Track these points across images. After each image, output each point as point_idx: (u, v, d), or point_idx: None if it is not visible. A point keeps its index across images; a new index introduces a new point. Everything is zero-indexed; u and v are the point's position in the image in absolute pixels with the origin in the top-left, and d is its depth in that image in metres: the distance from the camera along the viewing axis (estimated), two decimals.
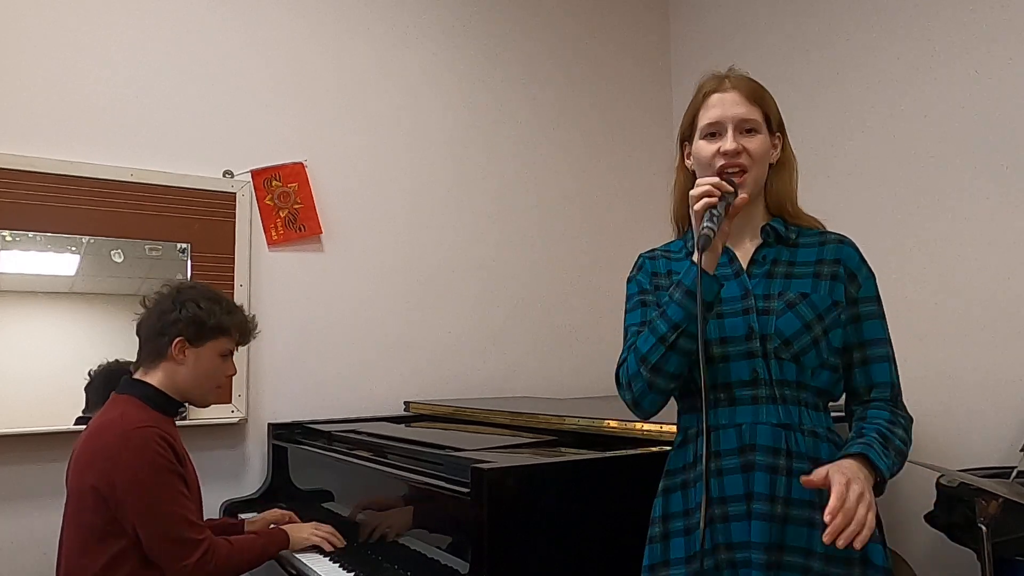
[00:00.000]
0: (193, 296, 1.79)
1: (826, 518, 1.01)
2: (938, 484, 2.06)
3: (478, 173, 3.07)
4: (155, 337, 1.77)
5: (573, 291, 3.21)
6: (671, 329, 1.19)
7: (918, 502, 2.31)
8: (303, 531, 1.92)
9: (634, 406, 1.27)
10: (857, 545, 1.01)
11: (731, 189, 1.19)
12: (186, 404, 1.87)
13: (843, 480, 1.04)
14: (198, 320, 1.77)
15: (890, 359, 1.28)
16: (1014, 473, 1.90)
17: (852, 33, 2.74)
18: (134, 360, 1.83)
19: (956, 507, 1.97)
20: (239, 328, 1.87)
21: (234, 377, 2.41)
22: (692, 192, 1.20)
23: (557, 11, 3.33)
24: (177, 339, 1.76)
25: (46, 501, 2.16)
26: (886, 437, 1.18)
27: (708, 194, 1.17)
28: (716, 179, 1.19)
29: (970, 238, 2.36)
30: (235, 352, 1.89)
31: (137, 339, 1.81)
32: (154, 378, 1.77)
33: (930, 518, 2.06)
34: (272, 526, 2.01)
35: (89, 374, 2.23)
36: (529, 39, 3.24)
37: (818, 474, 1.07)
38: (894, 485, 2.46)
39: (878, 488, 1.13)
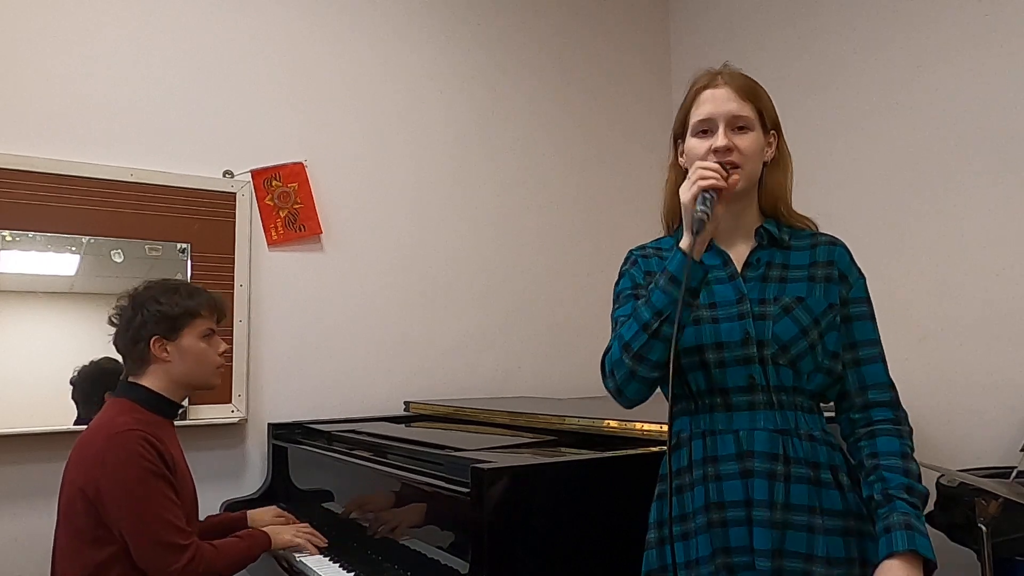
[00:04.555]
0: (150, 295, 1.78)
1: None
2: (938, 484, 2.06)
3: (478, 173, 3.07)
4: (133, 346, 1.75)
5: (573, 291, 3.21)
6: (654, 316, 1.17)
7: None
8: (285, 533, 1.93)
9: (617, 394, 1.25)
10: None
11: (726, 174, 1.18)
12: (184, 404, 1.87)
13: None
14: (164, 314, 1.75)
15: (882, 359, 1.27)
16: (1014, 473, 1.90)
17: (852, 31, 2.74)
18: (111, 357, 1.83)
19: (956, 507, 1.97)
20: (208, 306, 1.84)
21: (234, 377, 2.45)
22: (689, 178, 1.18)
23: (558, 10, 3.33)
24: (153, 339, 1.74)
25: (46, 501, 2.16)
26: (912, 490, 1.14)
27: (705, 177, 1.16)
28: (715, 164, 1.18)
29: (970, 238, 2.36)
30: (215, 330, 1.86)
31: (120, 356, 1.81)
32: (148, 381, 1.76)
33: (930, 518, 2.06)
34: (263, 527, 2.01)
35: (71, 382, 2.21)
36: (530, 38, 3.24)
37: None
38: None
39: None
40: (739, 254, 1.30)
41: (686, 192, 1.17)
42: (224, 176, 2.55)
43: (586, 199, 3.31)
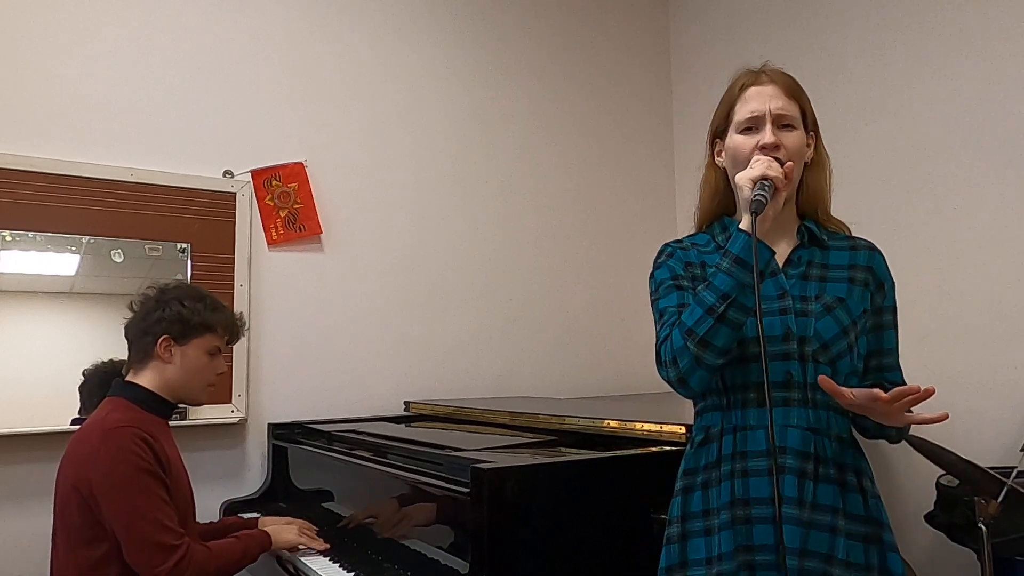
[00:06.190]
0: (177, 295, 1.79)
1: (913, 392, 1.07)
2: (938, 484, 2.06)
3: (478, 173, 3.07)
4: (141, 337, 1.76)
5: (573, 291, 3.21)
6: (720, 299, 1.14)
7: (918, 502, 2.31)
8: (288, 532, 1.92)
9: (680, 383, 1.22)
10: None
11: (782, 169, 1.19)
12: (182, 405, 1.86)
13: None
14: (182, 318, 1.76)
15: (900, 367, 1.31)
16: (1014, 473, 1.90)
17: (852, 30, 2.74)
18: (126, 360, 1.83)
19: (956, 507, 1.97)
20: (225, 325, 1.85)
21: (234, 377, 2.45)
22: (752, 165, 1.19)
23: (558, 10, 3.33)
24: (162, 338, 1.75)
25: (46, 501, 2.15)
26: None
27: (771, 167, 1.17)
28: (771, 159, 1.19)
29: (970, 238, 2.36)
30: (223, 350, 1.87)
31: (126, 341, 1.81)
32: (144, 379, 1.76)
33: (930, 518, 2.06)
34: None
35: (84, 374, 2.22)
36: (530, 38, 3.24)
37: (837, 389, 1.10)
38: (894, 485, 2.46)
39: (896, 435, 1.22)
40: (780, 252, 1.29)
41: (744, 176, 1.18)
42: (224, 176, 2.55)
43: (586, 199, 3.30)
